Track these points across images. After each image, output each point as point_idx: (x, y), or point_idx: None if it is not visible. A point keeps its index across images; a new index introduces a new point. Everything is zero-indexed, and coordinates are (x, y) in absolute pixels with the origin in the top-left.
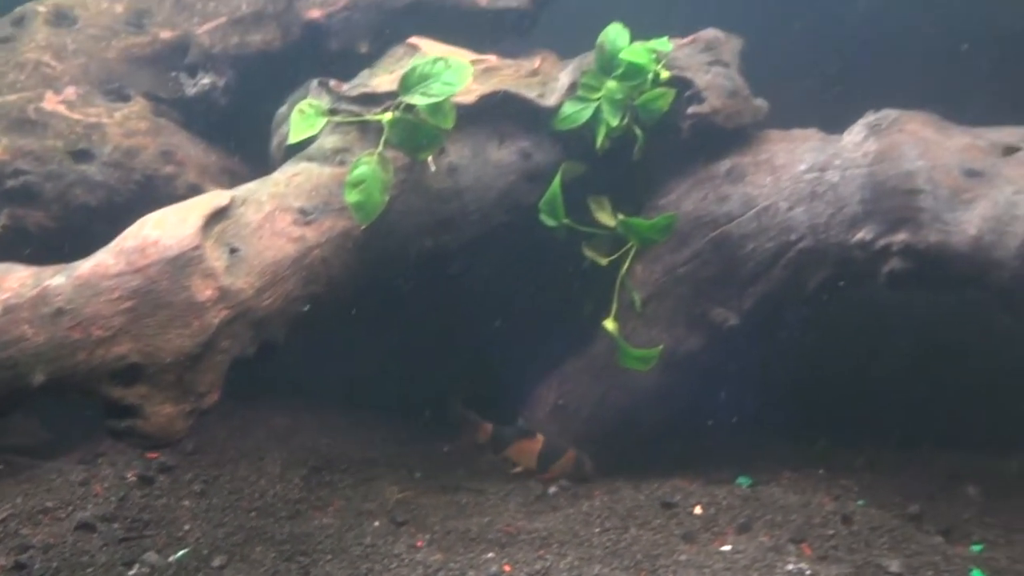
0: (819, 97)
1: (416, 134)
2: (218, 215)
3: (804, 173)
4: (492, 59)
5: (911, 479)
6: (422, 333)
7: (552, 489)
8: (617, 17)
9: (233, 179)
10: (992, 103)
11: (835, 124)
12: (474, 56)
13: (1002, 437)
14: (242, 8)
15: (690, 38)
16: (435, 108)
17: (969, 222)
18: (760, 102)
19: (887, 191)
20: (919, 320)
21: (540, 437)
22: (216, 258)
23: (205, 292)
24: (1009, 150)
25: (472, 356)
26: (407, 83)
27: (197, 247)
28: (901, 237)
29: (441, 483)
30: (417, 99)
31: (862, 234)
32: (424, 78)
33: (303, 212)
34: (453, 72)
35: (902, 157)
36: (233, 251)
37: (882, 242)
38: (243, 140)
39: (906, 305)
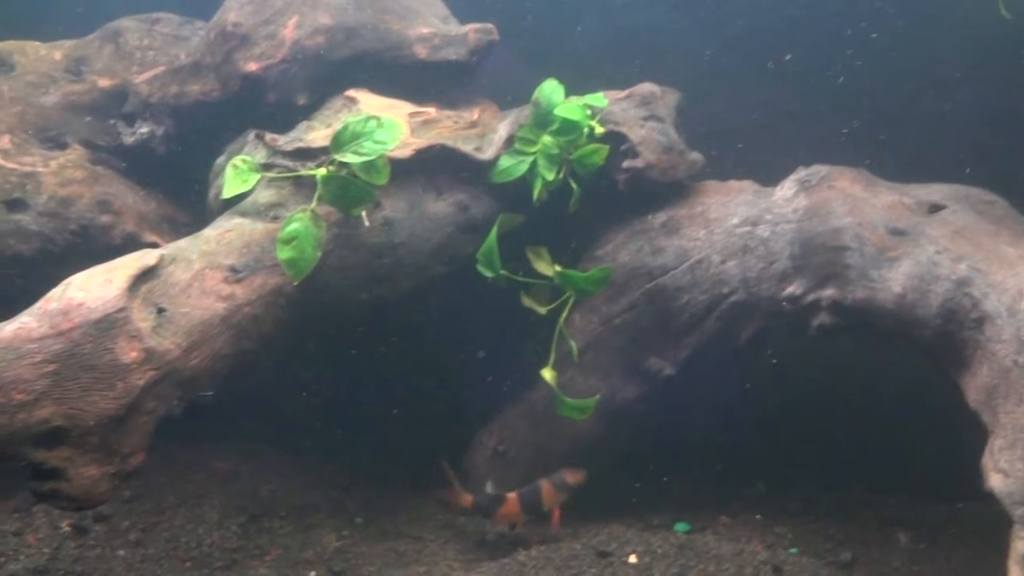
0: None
1: (349, 191)
2: (146, 275)
3: (737, 227)
4: (431, 111)
5: (845, 525)
6: (364, 380)
7: (490, 536)
8: (563, 65)
9: (173, 227)
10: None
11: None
12: (413, 108)
13: (931, 484)
14: (181, 58)
15: (626, 92)
16: (368, 165)
17: (894, 280)
18: (695, 156)
19: (815, 247)
20: (849, 368)
21: (512, 495)
22: (142, 319)
23: (130, 354)
24: (934, 208)
25: (416, 403)
26: (339, 141)
27: (122, 309)
28: (829, 293)
29: (382, 528)
30: (349, 158)
31: (792, 288)
32: (356, 136)
33: (233, 270)
34: (385, 131)
35: (831, 214)
36: (160, 311)
37: (811, 297)
38: (184, 188)
39: (838, 354)
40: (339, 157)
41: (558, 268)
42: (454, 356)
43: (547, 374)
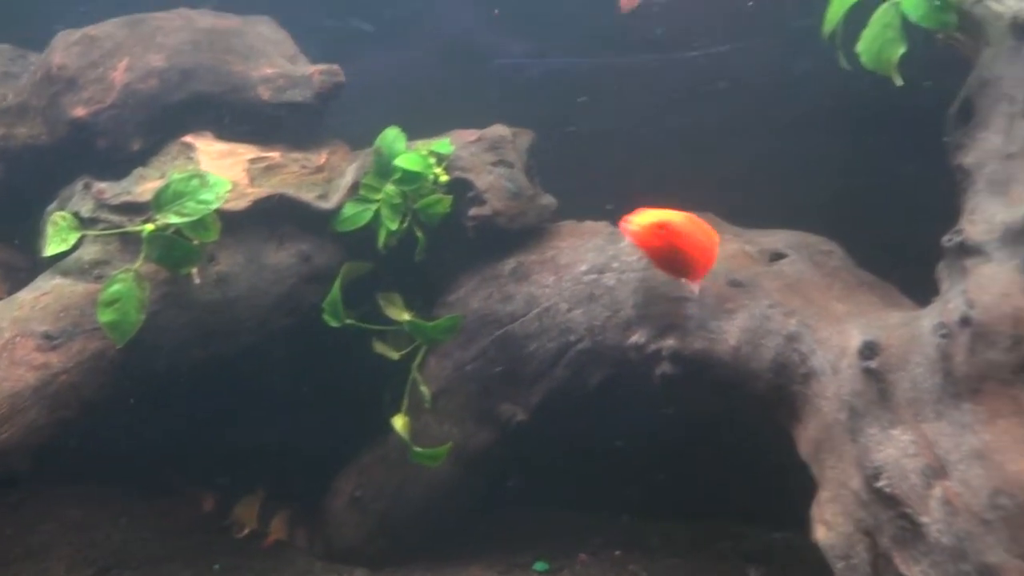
0: None
1: (175, 250)
2: None
3: (584, 274)
4: (276, 155)
5: (700, 559)
6: (216, 430)
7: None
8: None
9: (9, 272)
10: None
11: None
12: (256, 153)
13: (792, 515)
14: (8, 98)
15: (476, 135)
16: (196, 223)
17: (730, 332)
18: (547, 200)
19: (657, 297)
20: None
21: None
22: None
23: None
24: (776, 256)
25: (270, 450)
26: (160, 200)
27: None
28: (670, 343)
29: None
30: (172, 218)
31: (636, 337)
32: (178, 196)
33: (48, 337)
34: (209, 189)
35: None
36: None
37: (653, 346)
38: (20, 232)
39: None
40: (161, 218)
41: (407, 316)
42: (310, 404)
43: (398, 422)
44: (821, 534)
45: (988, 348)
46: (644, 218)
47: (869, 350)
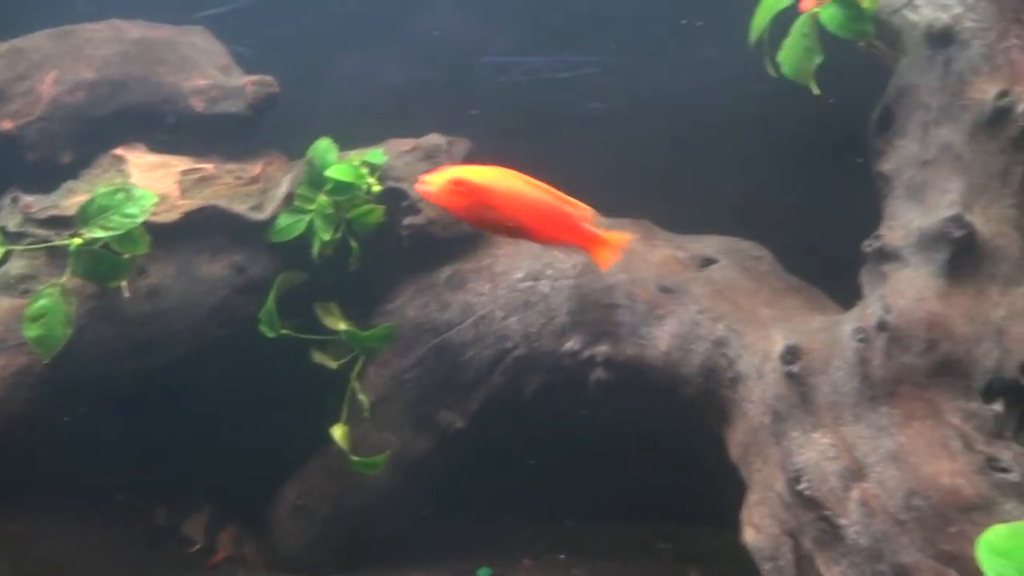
0: None
1: (102, 264)
2: None
3: (520, 282)
4: (209, 167)
5: (641, 562)
6: (161, 439)
7: None
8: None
9: None
10: None
11: None
12: (189, 165)
13: (715, 516)
14: None
15: (411, 144)
16: (123, 236)
17: (660, 338)
18: None
19: (590, 304)
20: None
21: (205, 510)
22: None
23: None
24: (707, 262)
25: (213, 461)
26: (85, 215)
27: None
28: (603, 349)
29: None
30: (97, 232)
31: (570, 344)
32: (103, 210)
33: None
34: (134, 203)
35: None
36: None
37: (587, 353)
38: None
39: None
40: (86, 232)
41: (342, 326)
42: (254, 414)
43: (336, 431)
44: (749, 536)
45: (903, 352)
46: (439, 176)
47: (791, 354)
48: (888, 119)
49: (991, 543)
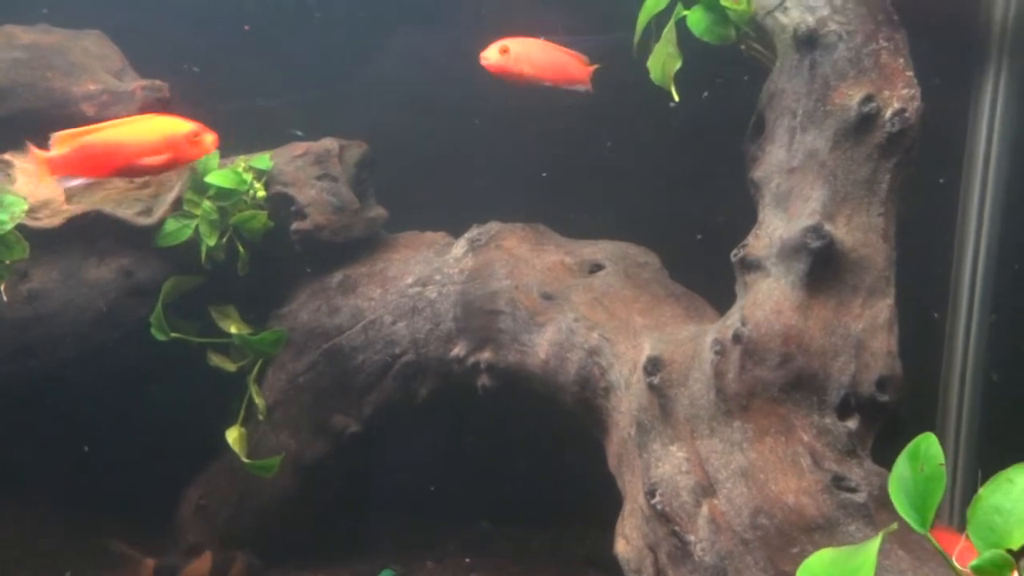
0: None
1: None
2: None
3: (409, 287)
4: None
5: (546, 564)
6: (60, 441)
7: None
8: None
9: None
10: None
11: None
12: None
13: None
14: None
15: (303, 149)
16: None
17: (540, 345)
18: (376, 212)
19: (475, 310)
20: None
21: (207, 553)
22: None
23: None
24: (595, 268)
25: (118, 462)
26: None
27: None
28: (486, 356)
29: None
30: None
31: (457, 350)
32: None
33: None
34: (3, 209)
35: (492, 276)
36: None
37: (472, 359)
38: None
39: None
40: None
41: (235, 329)
42: (159, 416)
43: (231, 434)
44: (620, 547)
45: (757, 365)
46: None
47: (653, 365)
48: (761, 125)
49: (812, 569)
